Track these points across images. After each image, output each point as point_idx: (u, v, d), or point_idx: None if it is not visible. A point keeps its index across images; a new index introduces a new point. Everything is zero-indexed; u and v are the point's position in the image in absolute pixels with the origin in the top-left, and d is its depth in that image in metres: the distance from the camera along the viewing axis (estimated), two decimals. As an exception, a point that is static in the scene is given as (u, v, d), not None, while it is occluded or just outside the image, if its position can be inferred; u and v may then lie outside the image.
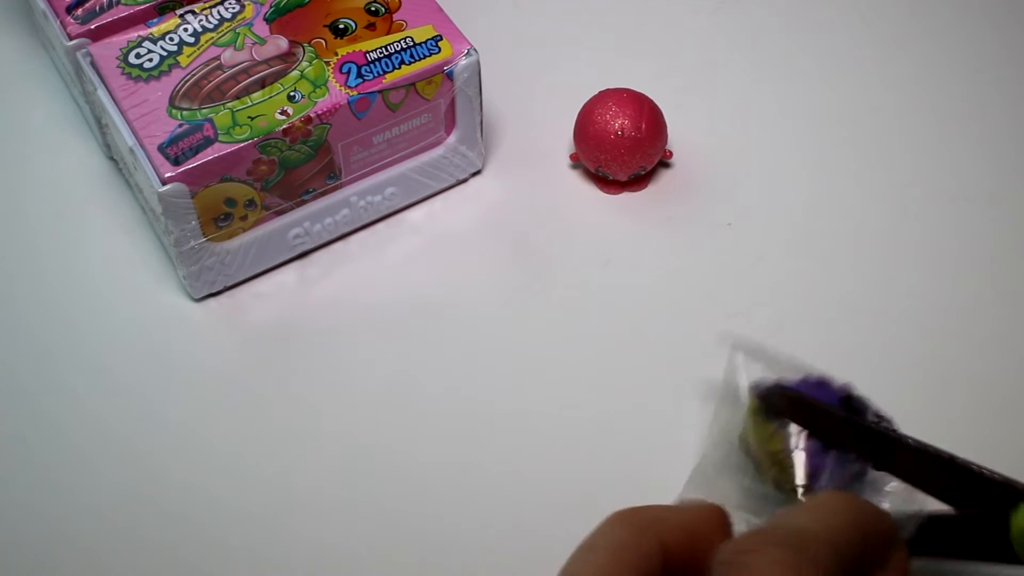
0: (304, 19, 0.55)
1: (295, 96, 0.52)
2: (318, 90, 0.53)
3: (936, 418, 0.51)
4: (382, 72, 0.53)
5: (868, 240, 0.58)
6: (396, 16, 0.56)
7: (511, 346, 0.54)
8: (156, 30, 0.55)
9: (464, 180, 0.60)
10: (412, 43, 0.55)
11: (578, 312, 0.55)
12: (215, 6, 0.56)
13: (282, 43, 0.54)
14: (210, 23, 0.55)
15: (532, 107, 0.62)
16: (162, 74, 0.53)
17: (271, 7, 0.56)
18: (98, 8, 0.56)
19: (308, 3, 0.56)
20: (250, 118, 0.52)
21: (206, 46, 0.54)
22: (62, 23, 0.56)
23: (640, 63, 0.64)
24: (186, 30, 0.55)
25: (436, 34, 0.55)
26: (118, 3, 0.56)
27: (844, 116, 0.62)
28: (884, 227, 0.58)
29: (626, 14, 0.67)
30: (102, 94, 0.53)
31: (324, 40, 0.54)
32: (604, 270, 0.57)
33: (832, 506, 0.38)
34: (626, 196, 0.59)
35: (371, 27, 0.55)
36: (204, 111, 0.52)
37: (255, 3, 0.56)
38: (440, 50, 0.54)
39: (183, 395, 0.53)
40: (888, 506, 0.43)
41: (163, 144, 0.51)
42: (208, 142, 0.51)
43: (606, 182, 0.59)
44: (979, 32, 0.66)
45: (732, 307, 0.55)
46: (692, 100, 0.62)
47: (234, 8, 0.56)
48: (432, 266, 0.57)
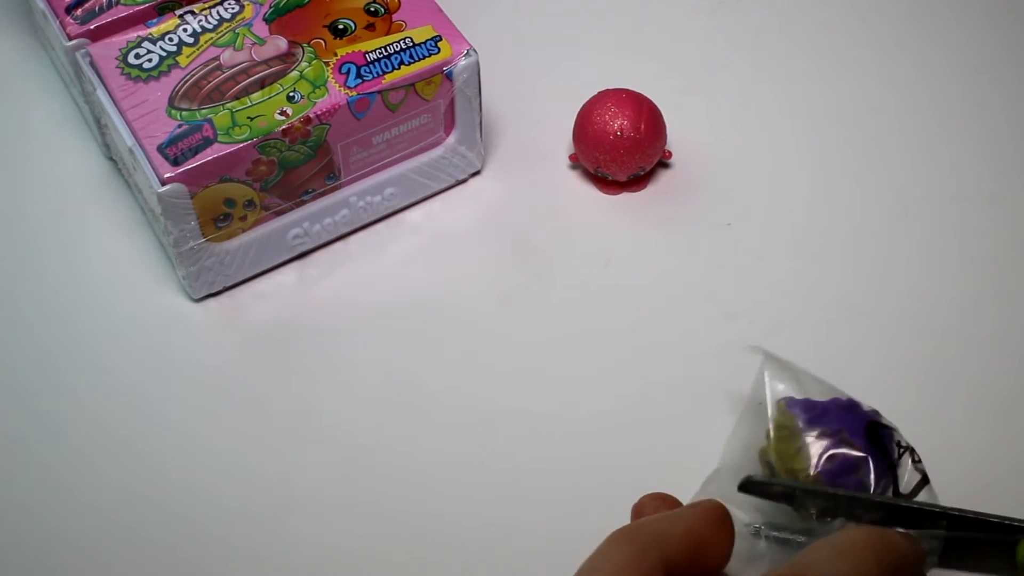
0: (303, 19, 0.55)
1: (294, 96, 0.52)
2: (317, 90, 0.53)
3: (936, 418, 0.51)
4: (381, 72, 0.53)
5: (868, 240, 0.57)
6: (395, 16, 0.56)
7: (511, 346, 0.54)
8: (155, 30, 0.55)
9: (463, 180, 0.60)
10: (411, 43, 0.54)
11: (578, 312, 0.55)
12: (214, 6, 0.56)
13: (281, 43, 0.54)
14: (209, 23, 0.55)
15: (532, 107, 0.62)
16: (161, 74, 0.53)
17: (270, 7, 0.56)
18: (97, 8, 0.56)
19: (307, 3, 0.56)
20: (249, 118, 0.52)
21: (205, 46, 0.54)
22: (61, 23, 0.56)
23: (640, 63, 0.64)
24: (185, 30, 0.55)
25: (435, 34, 0.55)
26: (117, 3, 0.56)
27: (844, 116, 0.62)
28: (884, 227, 0.58)
29: (626, 14, 0.67)
30: (101, 94, 0.53)
31: (323, 40, 0.54)
32: (604, 270, 0.57)
33: (860, 548, 0.37)
34: (626, 196, 0.59)
35: (370, 27, 0.55)
36: (203, 111, 0.52)
37: (254, 3, 0.56)
38: (439, 50, 0.54)
39: (183, 395, 0.53)
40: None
41: (162, 144, 0.51)
42: (207, 142, 0.51)
43: (605, 182, 0.59)
44: (979, 32, 0.66)
45: (732, 307, 0.55)
46: (691, 100, 0.62)
47: (233, 8, 0.56)
48: (432, 266, 0.57)
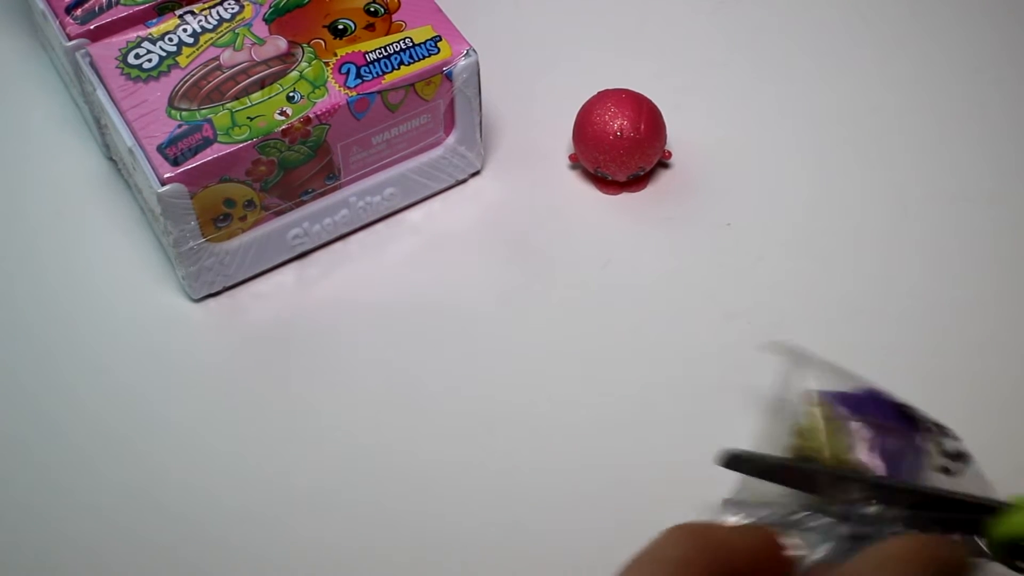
0: (303, 20, 0.55)
1: (294, 97, 0.52)
2: (317, 91, 0.53)
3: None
4: (381, 73, 0.53)
5: (868, 240, 0.57)
6: (395, 17, 0.56)
7: (511, 346, 0.54)
8: (155, 30, 0.55)
9: (463, 180, 0.60)
10: (411, 44, 0.54)
11: (578, 312, 0.55)
12: (214, 7, 0.56)
13: (281, 44, 0.54)
14: (209, 24, 0.55)
15: (531, 107, 0.62)
16: (161, 75, 0.53)
17: (270, 8, 0.56)
18: (97, 8, 0.56)
19: (307, 4, 0.56)
20: (249, 119, 0.52)
21: (205, 47, 0.54)
22: (61, 23, 0.56)
23: (639, 63, 0.64)
24: (185, 30, 0.55)
25: (435, 35, 0.55)
26: (117, 3, 0.56)
27: (844, 116, 0.62)
28: (884, 227, 0.58)
29: (626, 14, 0.67)
30: (101, 94, 0.53)
31: (323, 41, 0.54)
32: (604, 270, 0.57)
33: (905, 560, 0.36)
34: (625, 196, 0.59)
35: (370, 28, 0.55)
36: (203, 111, 0.52)
37: (254, 3, 0.56)
38: (439, 51, 0.54)
39: (183, 395, 0.53)
40: None
41: (162, 145, 0.51)
42: (207, 143, 0.51)
43: (605, 182, 0.59)
44: (979, 32, 0.66)
45: (732, 307, 0.55)
46: (691, 100, 0.62)
47: (233, 8, 0.56)
48: (432, 266, 0.57)
